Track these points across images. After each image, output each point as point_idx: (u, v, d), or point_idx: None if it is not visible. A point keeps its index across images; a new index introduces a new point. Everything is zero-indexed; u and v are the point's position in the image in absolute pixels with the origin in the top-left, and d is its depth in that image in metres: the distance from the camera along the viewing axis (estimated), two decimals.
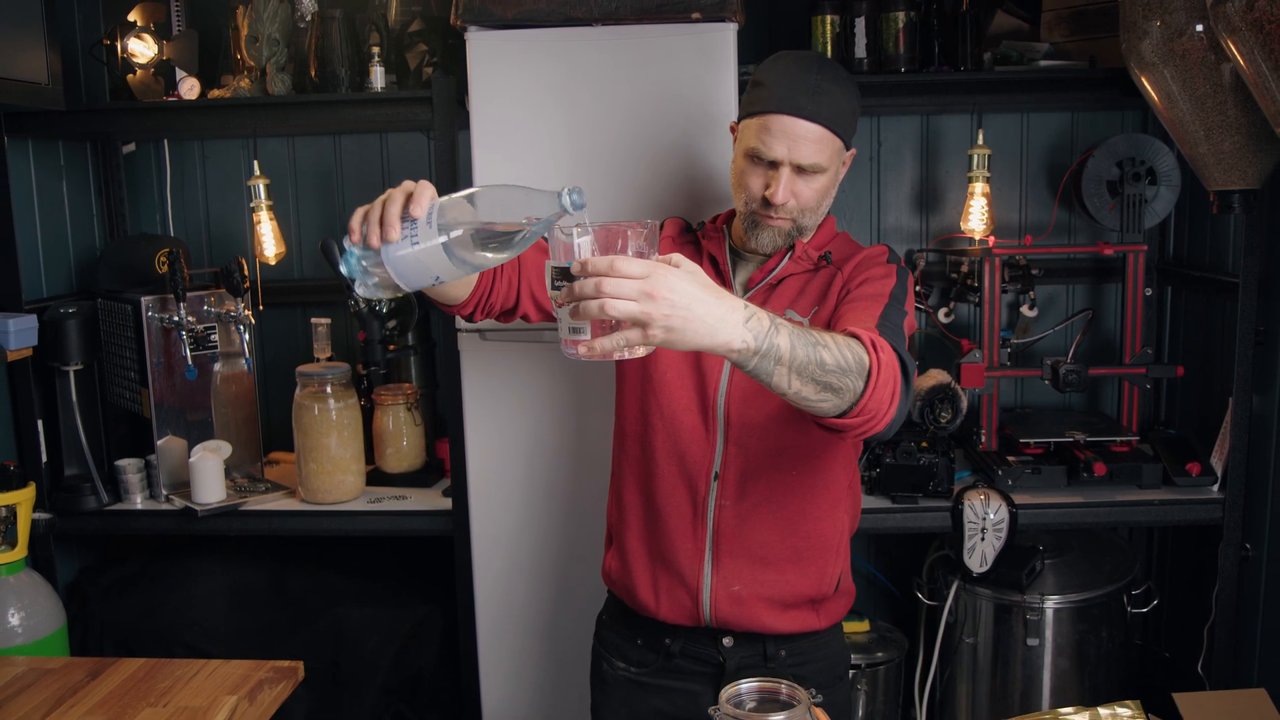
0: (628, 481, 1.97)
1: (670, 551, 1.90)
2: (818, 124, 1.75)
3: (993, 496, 2.71)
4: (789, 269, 1.89)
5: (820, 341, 1.45)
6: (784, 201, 1.78)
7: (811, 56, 1.84)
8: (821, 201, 1.84)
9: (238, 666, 2.07)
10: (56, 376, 2.95)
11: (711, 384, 1.87)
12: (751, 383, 1.64)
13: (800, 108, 1.74)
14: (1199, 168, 2.54)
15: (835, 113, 1.77)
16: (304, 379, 2.94)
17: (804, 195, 1.80)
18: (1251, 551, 2.76)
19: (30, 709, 1.92)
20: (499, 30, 2.60)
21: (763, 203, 1.80)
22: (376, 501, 2.97)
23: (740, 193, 1.84)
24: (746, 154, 1.81)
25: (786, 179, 1.77)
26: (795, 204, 1.80)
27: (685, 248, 1.97)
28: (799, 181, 1.79)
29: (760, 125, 1.77)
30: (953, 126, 3.36)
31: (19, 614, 2.55)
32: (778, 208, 1.79)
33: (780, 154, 1.76)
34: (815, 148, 1.76)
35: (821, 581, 1.91)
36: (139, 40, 3.10)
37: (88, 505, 2.95)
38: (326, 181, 3.50)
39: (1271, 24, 1.92)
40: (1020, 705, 2.83)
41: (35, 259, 3.10)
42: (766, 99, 1.77)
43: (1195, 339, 3.17)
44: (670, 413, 1.89)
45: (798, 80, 1.75)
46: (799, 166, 1.77)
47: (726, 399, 1.86)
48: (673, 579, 1.90)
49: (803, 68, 1.78)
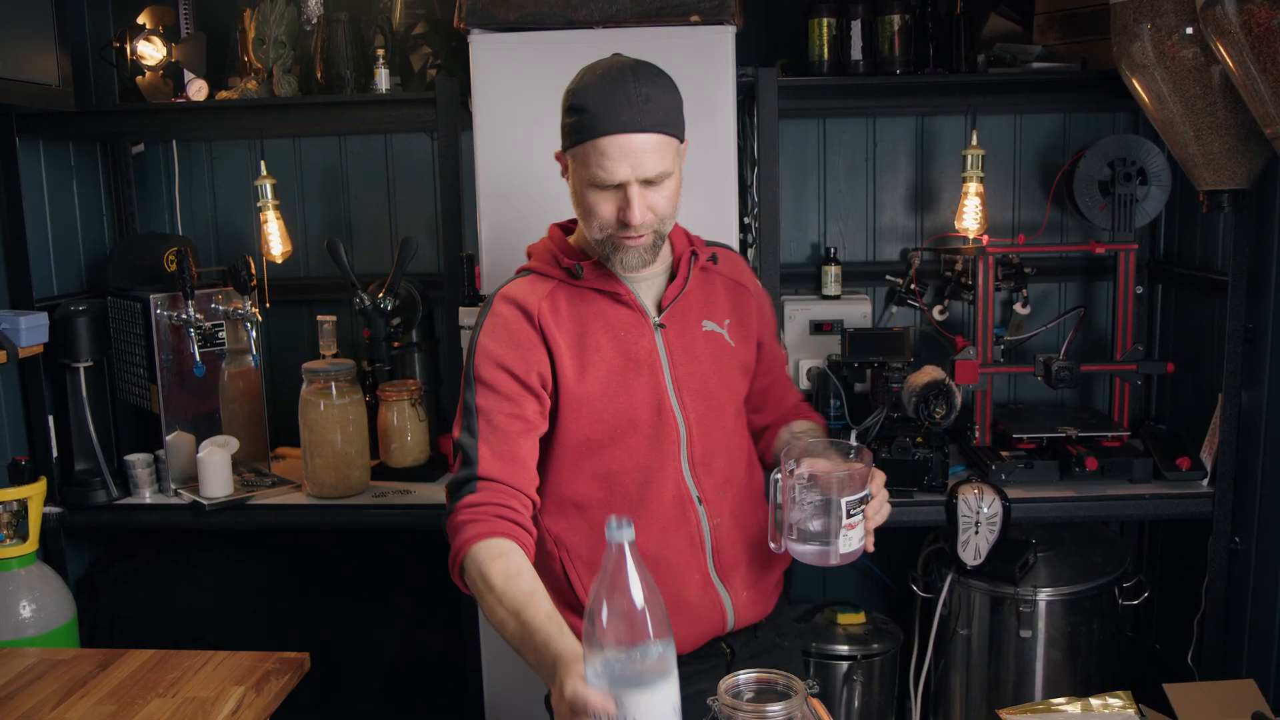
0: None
1: (682, 594, 1.78)
2: (652, 133, 1.63)
3: (986, 491, 2.71)
4: (691, 282, 1.83)
5: None
6: (643, 220, 1.67)
7: (621, 64, 1.67)
8: (675, 204, 1.73)
9: (245, 658, 2.07)
10: (67, 373, 2.94)
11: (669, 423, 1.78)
12: (703, 411, 1.81)
13: (630, 122, 1.61)
14: (1189, 168, 2.54)
15: (664, 114, 1.65)
16: (310, 375, 2.94)
17: (659, 205, 1.68)
18: (1240, 545, 2.76)
19: (41, 699, 1.92)
20: (501, 33, 2.60)
21: (619, 225, 1.68)
22: (381, 496, 2.97)
23: (591, 220, 1.70)
24: (587, 182, 1.67)
25: (638, 197, 1.65)
26: (652, 216, 1.68)
27: (558, 303, 1.78)
28: (650, 194, 1.67)
29: (595, 150, 1.63)
30: (947, 127, 3.35)
31: (30, 606, 2.55)
32: (636, 227, 1.67)
33: (624, 175, 1.63)
34: (656, 157, 1.64)
35: (784, 561, 1.93)
36: (148, 43, 3.09)
37: (98, 499, 2.95)
38: (332, 181, 3.50)
39: (1260, 27, 1.92)
40: (1013, 696, 2.83)
41: (46, 257, 3.10)
42: (593, 123, 1.62)
43: (1185, 336, 3.17)
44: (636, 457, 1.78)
45: (618, 93, 1.62)
46: (646, 180, 1.65)
47: (687, 430, 1.79)
48: (690, 617, 1.79)
49: (617, 78, 1.63)
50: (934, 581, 2.92)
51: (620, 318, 1.78)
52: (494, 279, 2.67)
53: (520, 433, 1.73)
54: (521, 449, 1.73)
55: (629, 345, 1.77)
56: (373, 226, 3.51)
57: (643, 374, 1.77)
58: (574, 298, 1.78)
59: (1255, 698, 2.28)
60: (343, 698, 3.03)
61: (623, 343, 1.77)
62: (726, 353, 1.85)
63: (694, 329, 1.82)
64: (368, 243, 3.51)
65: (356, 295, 2.85)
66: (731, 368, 1.86)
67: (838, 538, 1.66)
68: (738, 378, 1.88)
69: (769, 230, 2.80)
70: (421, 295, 3.18)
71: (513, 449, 1.72)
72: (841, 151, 3.40)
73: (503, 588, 1.57)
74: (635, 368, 1.77)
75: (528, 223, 2.64)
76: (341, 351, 3.10)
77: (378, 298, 2.87)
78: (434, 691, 3.13)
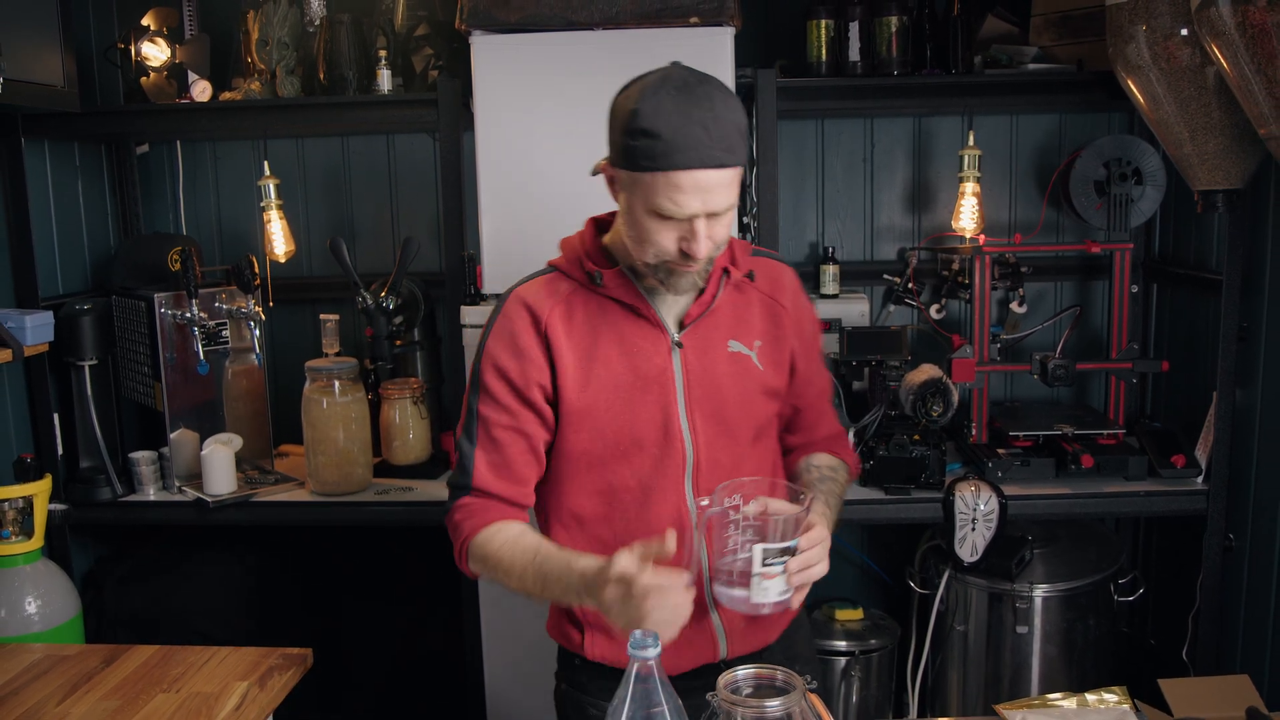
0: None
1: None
2: (728, 168, 1.53)
3: (983, 488, 2.71)
4: (724, 297, 1.74)
5: (841, 494, 1.81)
6: (706, 254, 1.58)
7: (693, 84, 1.53)
8: (731, 227, 1.67)
9: (248, 653, 2.07)
10: (72, 371, 2.94)
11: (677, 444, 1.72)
12: (713, 434, 1.73)
13: (709, 158, 1.50)
14: (1184, 168, 2.54)
15: (737, 141, 1.54)
16: (313, 374, 2.94)
17: (719, 234, 1.59)
18: (1234, 542, 2.76)
19: (46, 694, 1.92)
20: (503, 34, 2.60)
21: (679, 255, 1.59)
22: (383, 493, 2.97)
23: (647, 247, 1.60)
24: (651, 211, 1.55)
25: (704, 230, 1.56)
26: (712, 245, 1.59)
27: (573, 309, 1.72)
28: (713, 224, 1.57)
29: (666, 183, 1.51)
30: (944, 128, 3.35)
31: (36, 602, 2.55)
32: (698, 260, 1.58)
33: (695, 209, 1.53)
34: (728, 190, 1.55)
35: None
36: (152, 44, 3.09)
37: (102, 496, 2.95)
38: (335, 181, 3.50)
39: (1254, 28, 1.92)
40: (1010, 691, 2.83)
41: (51, 257, 3.09)
42: (667, 154, 1.50)
43: (1180, 335, 3.17)
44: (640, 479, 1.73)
45: (694, 123, 1.49)
46: (712, 213, 1.56)
47: (694, 450, 1.72)
48: (679, 643, 1.61)
49: (690, 101, 1.50)
50: (931, 578, 2.92)
51: (636, 332, 1.70)
52: (495, 278, 2.67)
53: (517, 447, 1.71)
54: (517, 463, 1.72)
55: (640, 362, 1.69)
56: (375, 226, 3.51)
57: (651, 392, 1.69)
58: (591, 305, 1.72)
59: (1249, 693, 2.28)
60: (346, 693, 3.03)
61: (633, 359, 1.69)
62: (751, 375, 1.74)
63: (718, 349, 1.73)
64: (370, 242, 3.51)
65: (359, 294, 2.85)
66: (755, 392, 1.75)
67: (749, 585, 1.54)
68: (762, 402, 1.77)
69: (767, 230, 2.80)
70: (423, 294, 3.18)
71: (508, 462, 1.71)
72: (839, 152, 3.40)
73: (510, 555, 1.63)
74: (644, 385, 1.69)
75: (529, 222, 2.65)
76: (344, 350, 3.10)
77: (380, 297, 2.87)
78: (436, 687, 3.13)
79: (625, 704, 1.25)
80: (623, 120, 1.55)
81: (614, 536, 1.72)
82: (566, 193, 2.62)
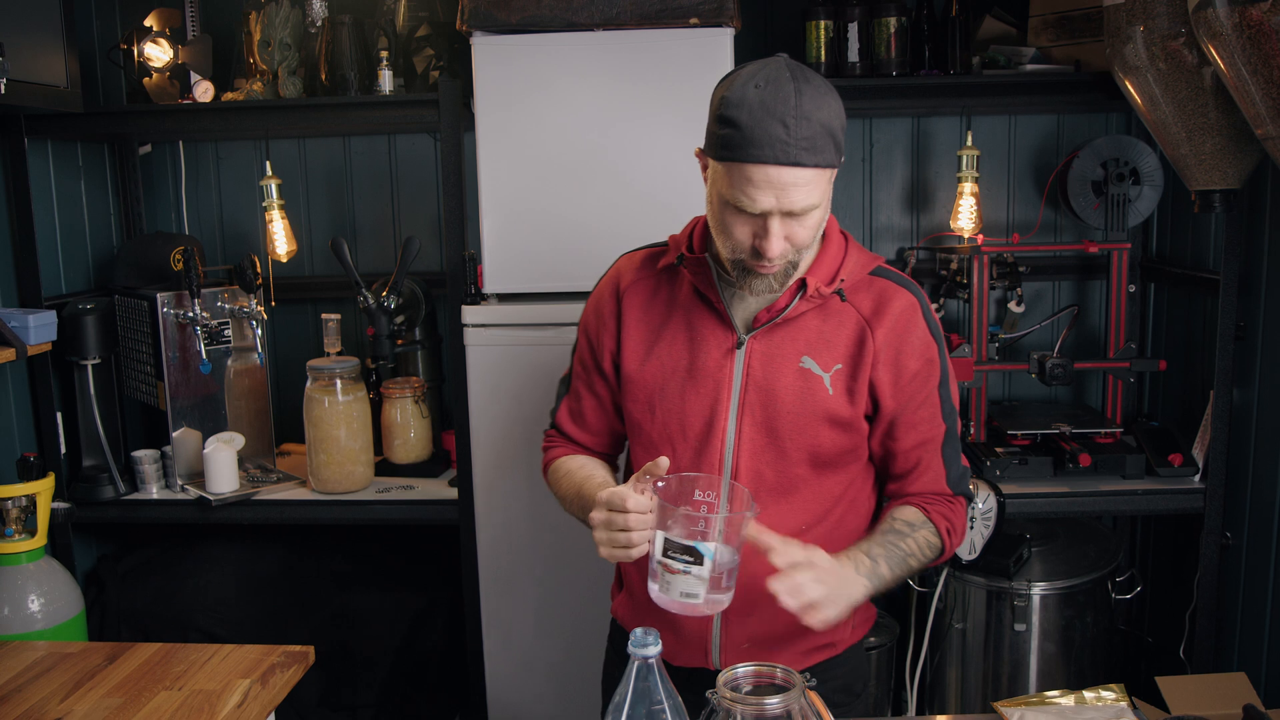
0: None
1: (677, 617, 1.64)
2: (807, 168, 1.47)
3: (981, 486, 2.71)
4: (800, 307, 1.64)
5: (908, 553, 1.64)
6: (778, 254, 1.53)
7: (784, 77, 1.48)
8: (817, 233, 1.58)
9: (250, 651, 2.07)
10: (75, 370, 2.94)
11: (717, 443, 1.68)
12: (760, 445, 1.67)
13: (783, 154, 1.45)
14: (1181, 168, 2.54)
15: (821, 144, 1.48)
16: (315, 373, 2.94)
17: (799, 236, 1.53)
18: (1232, 540, 2.76)
19: (50, 691, 1.92)
20: (504, 35, 2.59)
21: (753, 252, 1.54)
22: (385, 491, 2.97)
23: (724, 239, 1.57)
24: (727, 202, 1.52)
25: (778, 229, 1.50)
26: (789, 247, 1.53)
27: (658, 289, 1.74)
28: (791, 224, 1.51)
29: (739, 175, 1.48)
30: (943, 128, 3.35)
31: (39, 600, 2.55)
32: (772, 259, 1.53)
33: (768, 206, 1.48)
34: (806, 191, 1.48)
35: (841, 630, 1.75)
36: (155, 45, 3.09)
37: (105, 495, 2.95)
38: (336, 181, 3.50)
39: (1251, 29, 1.92)
40: (1008, 688, 2.83)
41: (54, 256, 3.09)
42: (741, 143, 1.46)
43: (1177, 334, 3.17)
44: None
45: (774, 115, 1.45)
46: (789, 212, 1.50)
47: (735, 456, 1.67)
48: (679, 639, 1.72)
49: (777, 96, 1.46)
50: (930, 576, 2.92)
51: (704, 323, 1.68)
52: (496, 277, 2.67)
53: (590, 402, 1.85)
54: (590, 415, 1.86)
55: (701, 353, 1.67)
56: (376, 226, 3.51)
57: (705, 385, 1.67)
58: (675, 286, 1.73)
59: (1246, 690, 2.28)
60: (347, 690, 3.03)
61: (696, 348, 1.68)
62: (817, 398, 1.64)
63: (786, 361, 1.65)
64: (371, 242, 3.51)
65: (360, 294, 2.85)
66: (817, 415, 1.65)
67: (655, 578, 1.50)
68: (825, 429, 1.65)
69: None
70: (425, 294, 3.18)
71: (582, 412, 1.87)
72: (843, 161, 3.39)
73: (561, 481, 1.82)
74: (699, 377, 1.67)
75: (530, 222, 2.65)
76: (345, 349, 3.10)
77: (381, 296, 2.87)
78: (437, 684, 3.13)
79: (626, 701, 1.26)
80: (714, 106, 1.54)
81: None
82: (567, 192, 2.62)
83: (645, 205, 2.59)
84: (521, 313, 2.67)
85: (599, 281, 1.85)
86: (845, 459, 1.70)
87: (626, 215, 2.60)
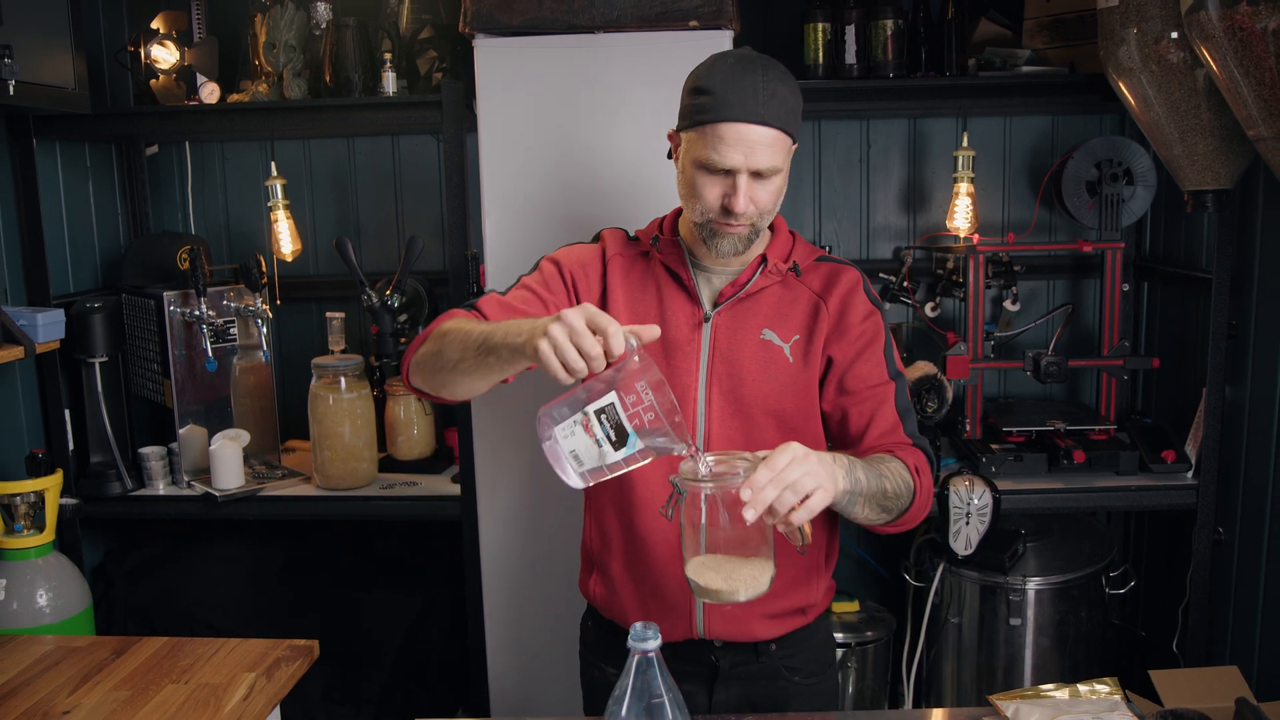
0: (607, 512, 1.85)
1: (659, 581, 1.79)
2: (771, 128, 1.61)
3: (977, 483, 2.71)
4: (760, 282, 1.77)
5: (882, 473, 1.62)
6: (745, 210, 1.65)
7: (753, 57, 1.66)
8: (777, 201, 1.71)
9: (256, 645, 2.07)
10: (83, 368, 2.94)
11: (689, 411, 1.75)
12: (728, 413, 1.73)
13: (753, 113, 1.60)
14: (1174, 169, 2.54)
15: (785, 113, 1.63)
16: (319, 370, 2.94)
17: (761, 199, 1.66)
18: (1224, 535, 2.76)
19: (58, 685, 1.92)
20: (506, 37, 2.59)
21: (721, 211, 1.66)
22: (388, 487, 2.97)
23: (694, 203, 1.69)
24: (698, 164, 1.65)
25: (745, 187, 1.63)
26: (754, 209, 1.66)
27: (634, 264, 1.83)
28: (755, 186, 1.65)
29: (712, 135, 1.62)
30: (939, 129, 3.35)
31: (47, 595, 2.55)
32: (738, 215, 1.65)
33: (736, 162, 1.62)
34: (770, 151, 1.63)
35: (810, 595, 1.84)
36: (161, 47, 3.09)
37: (113, 491, 2.95)
38: (341, 182, 3.50)
39: (1243, 31, 1.92)
40: (1003, 682, 2.83)
41: (63, 256, 3.09)
42: (715, 106, 1.61)
43: (1170, 332, 3.16)
44: None
45: (745, 83, 1.60)
46: (756, 172, 1.64)
47: (706, 423, 1.75)
48: (663, 605, 1.79)
49: (747, 69, 1.62)
50: (926, 571, 2.93)
51: (674, 299, 1.78)
52: (498, 276, 2.67)
53: (537, 308, 1.76)
54: (527, 311, 1.75)
55: (670, 327, 1.76)
56: (380, 226, 3.51)
57: (675, 358, 1.76)
58: (647, 268, 1.82)
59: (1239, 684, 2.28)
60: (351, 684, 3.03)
61: (667, 323, 1.76)
62: (779, 366, 1.76)
63: (749, 334, 1.76)
64: (375, 241, 3.50)
65: (364, 292, 2.85)
66: (781, 382, 1.75)
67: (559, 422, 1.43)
68: (789, 394, 1.76)
69: None
70: (428, 292, 3.18)
71: (517, 309, 1.74)
72: (836, 152, 3.40)
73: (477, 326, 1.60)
74: (671, 350, 1.76)
75: (531, 221, 2.64)
76: (350, 347, 3.10)
77: (385, 295, 2.87)
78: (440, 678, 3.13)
79: (626, 695, 1.26)
80: (688, 85, 1.69)
81: (621, 487, 1.79)
82: (568, 192, 2.62)
83: (645, 205, 2.58)
84: None
85: (578, 243, 1.90)
86: (810, 424, 1.80)
87: (626, 215, 2.60)
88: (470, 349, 1.57)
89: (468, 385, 1.66)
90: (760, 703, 1.83)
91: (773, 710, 1.82)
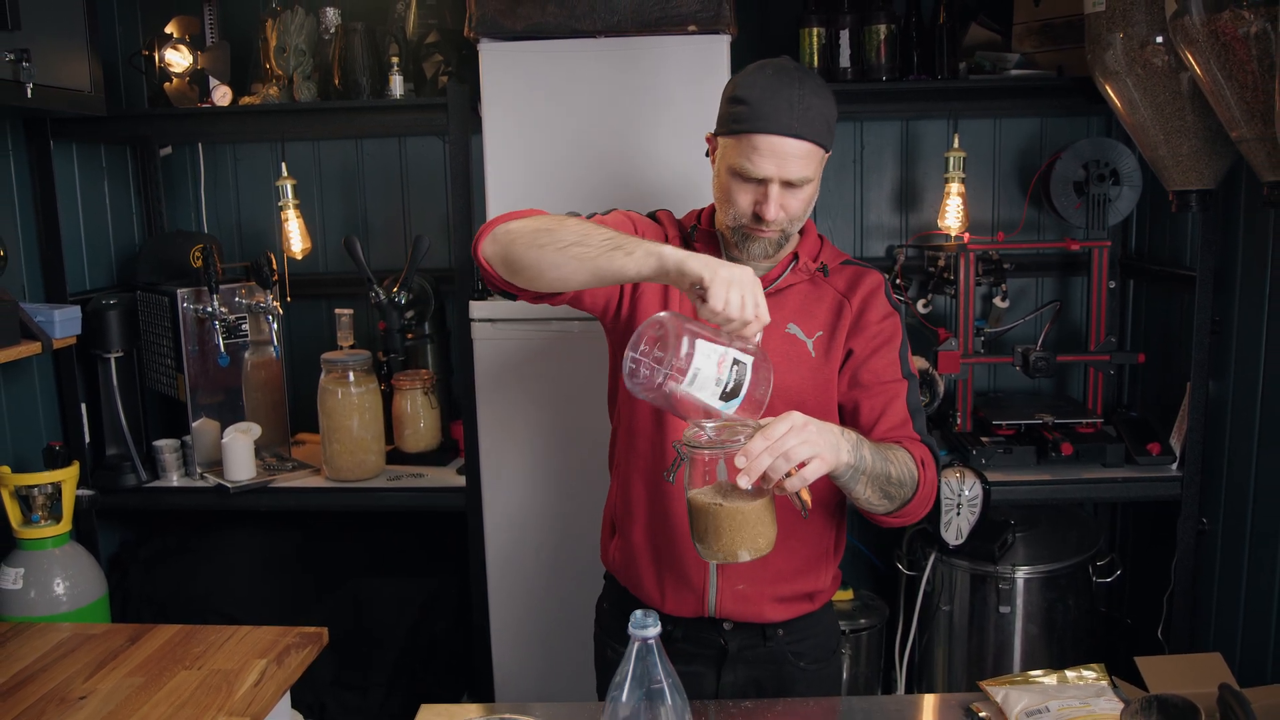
0: (634, 479, 1.84)
1: (677, 553, 1.79)
2: (805, 140, 1.62)
3: (968, 474, 2.71)
4: (790, 279, 1.79)
5: (888, 458, 1.62)
6: (776, 218, 1.66)
7: (791, 68, 1.66)
8: (808, 208, 1.73)
9: (267, 632, 2.07)
10: (98, 363, 2.94)
11: None
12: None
13: (787, 126, 1.60)
14: (1159, 169, 2.53)
15: (819, 125, 1.64)
16: (328, 365, 2.94)
17: (792, 207, 1.68)
18: (1208, 525, 2.76)
19: (75, 671, 1.92)
20: (509, 42, 2.59)
21: (753, 218, 1.68)
22: (395, 479, 2.97)
23: (728, 207, 1.70)
24: (732, 170, 1.67)
25: (776, 195, 1.65)
26: (784, 215, 1.67)
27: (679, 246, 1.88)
28: (787, 195, 1.66)
29: (747, 144, 1.63)
30: (930, 131, 3.34)
31: (64, 583, 2.55)
32: (769, 222, 1.67)
33: (769, 172, 1.63)
34: (802, 163, 1.63)
35: (820, 579, 1.85)
36: (175, 51, 3.08)
37: (127, 483, 2.95)
38: (349, 182, 3.49)
39: (1226, 36, 1.92)
40: (993, 668, 2.83)
41: (79, 254, 3.09)
42: (750, 117, 1.62)
43: (1155, 328, 3.16)
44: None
45: (781, 96, 1.61)
46: (787, 181, 1.65)
47: None
48: (678, 579, 1.81)
49: (784, 81, 1.62)
50: (918, 560, 2.92)
51: None
52: None
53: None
54: None
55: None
56: (387, 225, 3.50)
57: None
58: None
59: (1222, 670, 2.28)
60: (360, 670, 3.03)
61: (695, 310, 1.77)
62: (802, 359, 1.77)
63: (775, 327, 1.75)
64: (383, 240, 3.50)
65: (372, 290, 2.85)
66: (802, 373, 1.76)
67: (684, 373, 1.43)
68: (810, 387, 1.77)
69: None
70: (434, 289, 3.17)
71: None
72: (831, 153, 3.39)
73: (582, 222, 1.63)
74: None
75: None
76: (358, 343, 3.10)
77: (392, 292, 2.87)
78: (446, 664, 3.13)
79: (627, 680, 1.26)
80: (727, 92, 1.69)
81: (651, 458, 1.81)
82: (570, 192, 2.62)
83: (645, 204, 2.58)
84: (527, 308, 2.67)
85: (642, 212, 1.91)
86: (829, 417, 1.76)
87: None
88: (594, 239, 1.54)
89: (569, 272, 1.56)
90: (766, 686, 1.84)
91: (778, 694, 1.83)
